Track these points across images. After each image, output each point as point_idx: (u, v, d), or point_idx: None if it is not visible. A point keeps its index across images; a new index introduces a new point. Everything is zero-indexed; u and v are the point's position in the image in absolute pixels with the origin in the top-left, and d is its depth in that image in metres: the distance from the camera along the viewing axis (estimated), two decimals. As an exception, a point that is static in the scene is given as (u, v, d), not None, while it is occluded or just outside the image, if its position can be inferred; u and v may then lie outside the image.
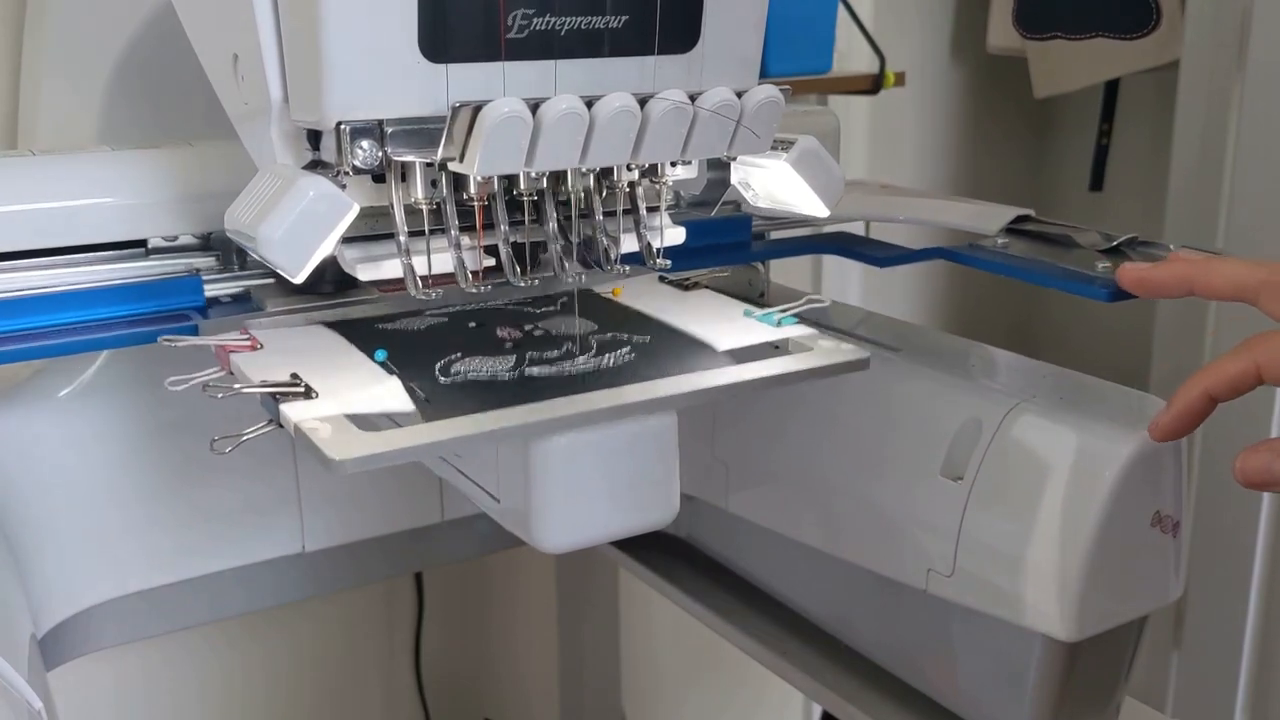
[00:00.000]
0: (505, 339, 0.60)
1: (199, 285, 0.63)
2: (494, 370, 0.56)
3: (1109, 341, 1.55)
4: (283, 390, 0.52)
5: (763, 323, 0.63)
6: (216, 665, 1.22)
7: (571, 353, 0.58)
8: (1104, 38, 1.48)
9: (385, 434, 0.48)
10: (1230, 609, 1.37)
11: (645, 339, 0.60)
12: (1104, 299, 0.62)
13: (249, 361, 0.56)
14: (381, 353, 0.57)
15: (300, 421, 0.49)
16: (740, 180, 0.68)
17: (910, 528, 0.67)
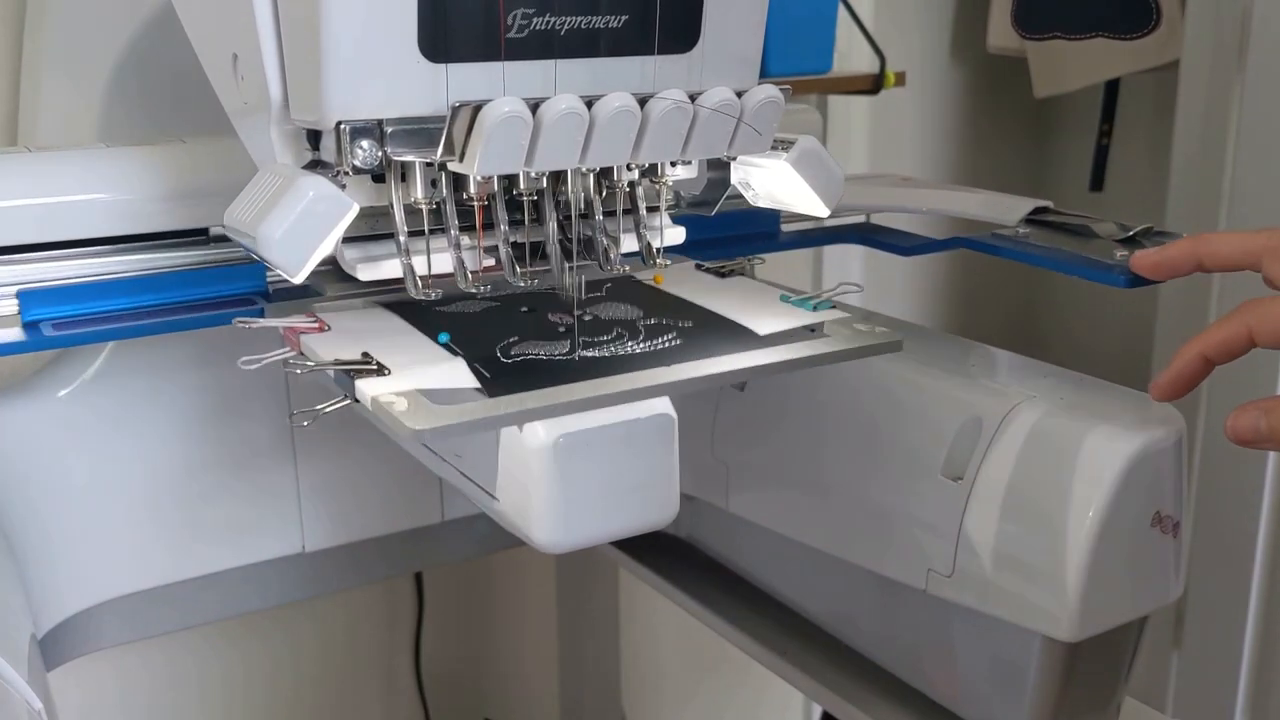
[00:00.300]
0: (558, 323, 0.62)
1: (262, 271, 0.65)
2: (550, 352, 0.58)
3: (1111, 336, 1.55)
4: (357, 367, 0.54)
5: (799, 307, 0.65)
6: (217, 665, 1.22)
7: (621, 336, 0.60)
8: (1104, 38, 1.48)
9: (459, 406, 0.51)
10: (1230, 609, 1.37)
11: (689, 324, 0.62)
12: (1122, 285, 0.64)
13: (319, 342, 0.58)
14: (445, 335, 0.59)
15: (378, 395, 0.51)
16: (740, 180, 0.68)
17: (910, 528, 0.67)
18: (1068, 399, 0.64)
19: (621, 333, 0.61)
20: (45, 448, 0.74)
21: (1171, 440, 0.61)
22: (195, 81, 0.58)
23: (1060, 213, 0.74)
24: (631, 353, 0.58)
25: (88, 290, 0.62)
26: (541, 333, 0.61)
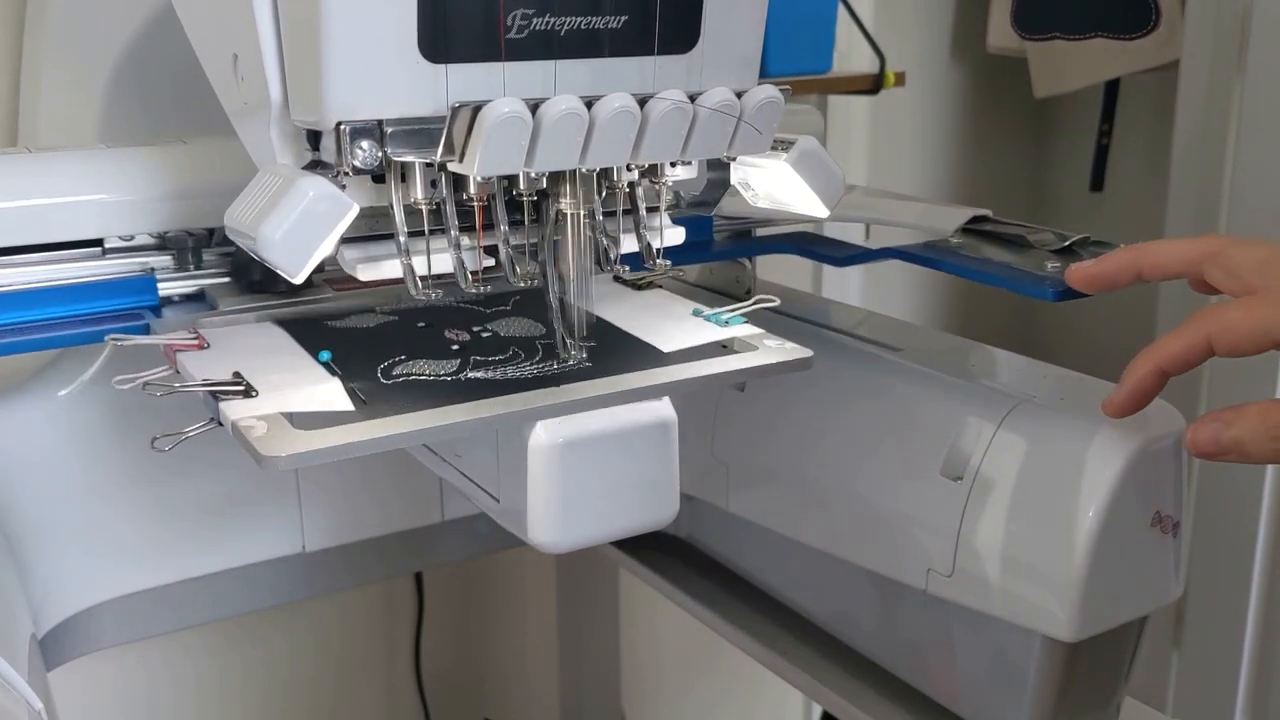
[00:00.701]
0: (453, 340, 0.61)
1: (153, 284, 0.64)
2: (436, 373, 0.57)
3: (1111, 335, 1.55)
4: (223, 389, 0.53)
5: (710, 322, 0.64)
6: (216, 665, 1.22)
7: (517, 356, 0.59)
8: (1103, 38, 1.48)
9: (318, 433, 0.49)
10: (1230, 609, 1.37)
11: (591, 342, 0.60)
12: (1050, 299, 0.62)
13: (194, 360, 0.57)
14: (325, 354, 0.58)
15: (238, 420, 0.50)
16: (740, 180, 0.68)
17: (910, 528, 0.67)
18: (1068, 399, 0.64)
19: (517, 352, 0.59)
20: (45, 447, 0.74)
21: (1171, 440, 0.61)
22: (195, 81, 0.58)
23: (999, 222, 0.73)
24: (522, 375, 0.57)
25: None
26: (433, 351, 0.59)
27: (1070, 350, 1.68)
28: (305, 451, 0.48)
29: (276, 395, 0.53)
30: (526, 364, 0.58)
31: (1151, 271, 0.57)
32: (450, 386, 0.55)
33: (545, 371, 0.57)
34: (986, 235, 0.72)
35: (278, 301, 0.65)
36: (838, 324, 0.78)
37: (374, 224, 0.59)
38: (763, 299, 0.65)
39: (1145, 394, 0.56)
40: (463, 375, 0.56)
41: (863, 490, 0.70)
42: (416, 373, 0.56)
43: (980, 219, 0.73)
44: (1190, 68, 1.34)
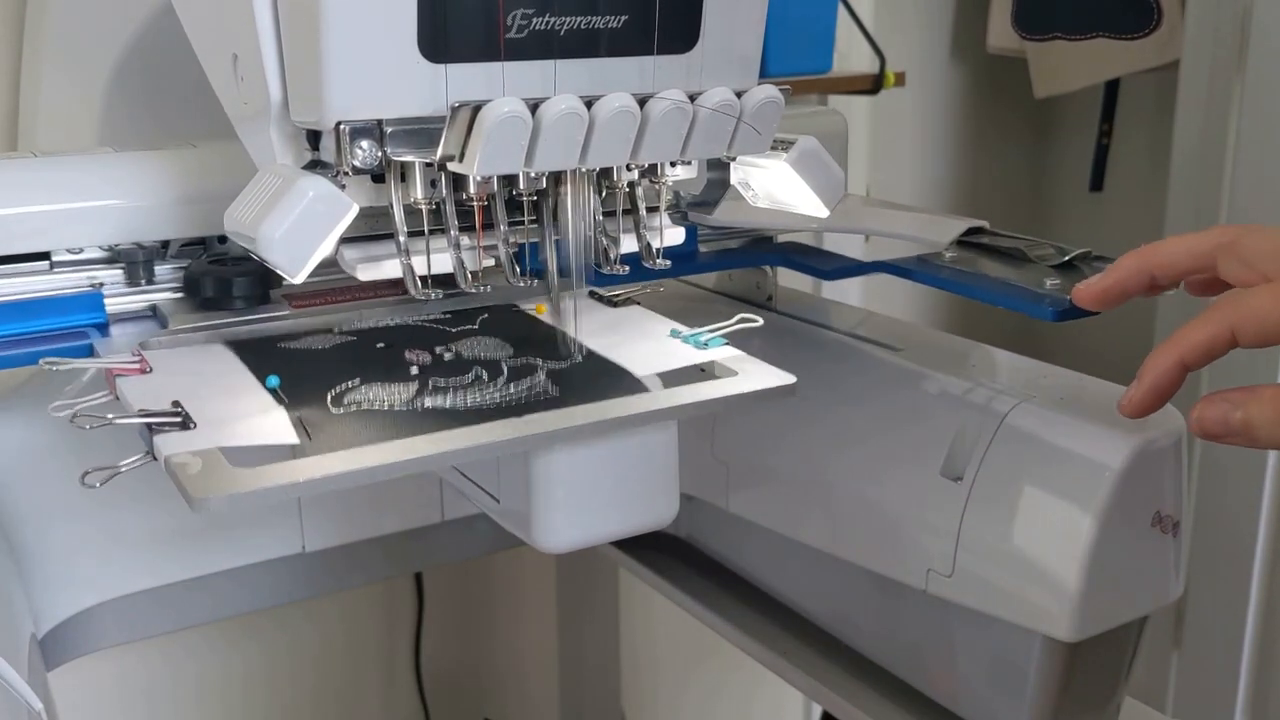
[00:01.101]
0: (413, 362, 0.57)
1: (99, 301, 0.61)
2: (390, 400, 0.53)
3: (1111, 336, 1.55)
4: (159, 420, 0.49)
5: (688, 344, 0.60)
6: (216, 665, 1.22)
7: (480, 379, 0.55)
8: (1104, 38, 1.48)
9: (254, 471, 0.46)
10: (1230, 609, 1.37)
11: (560, 364, 0.57)
12: (1050, 318, 0.60)
13: (134, 387, 0.53)
14: (274, 379, 0.54)
15: (171, 455, 0.47)
16: (740, 180, 0.68)
17: (910, 528, 0.67)
18: (1068, 399, 0.64)
19: (481, 374, 0.56)
20: (46, 447, 0.74)
21: (1171, 440, 0.61)
22: (195, 82, 0.58)
23: (996, 234, 0.70)
24: (484, 402, 0.53)
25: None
26: (389, 374, 0.55)
27: (1070, 351, 1.68)
28: (239, 493, 0.44)
29: (216, 428, 0.49)
30: (490, 388, 0.54)
31: (1162, 272, 0.54)
32: (404, 417, 0.51)
33: (508, 399, 0.53)
34: (983, 248, 0.70)
35: (231, 320, 0.61)
36: (838, 324, 0.78)
37: (374, 224, 0.59)
38: (745, 318, 0.61)
39: (1166, 390, 0.52)
40: (419, 403, 0.52)
41: (863, 490, 0.70)
42: (369, 400, 0.53)
43: (977, 230, 0.71)
44: (1190, 68, 1.34)
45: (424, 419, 0.51)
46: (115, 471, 0.48)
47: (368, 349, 0.59)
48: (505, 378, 0.55)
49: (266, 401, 0.52)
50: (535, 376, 0.55)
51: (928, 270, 0.68)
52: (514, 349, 0.59)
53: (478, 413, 0.51)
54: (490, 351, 0.59)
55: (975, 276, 0.66)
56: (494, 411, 0.52)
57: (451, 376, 0.55)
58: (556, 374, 0.56)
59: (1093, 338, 1.63)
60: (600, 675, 1.30)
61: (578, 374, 0.56)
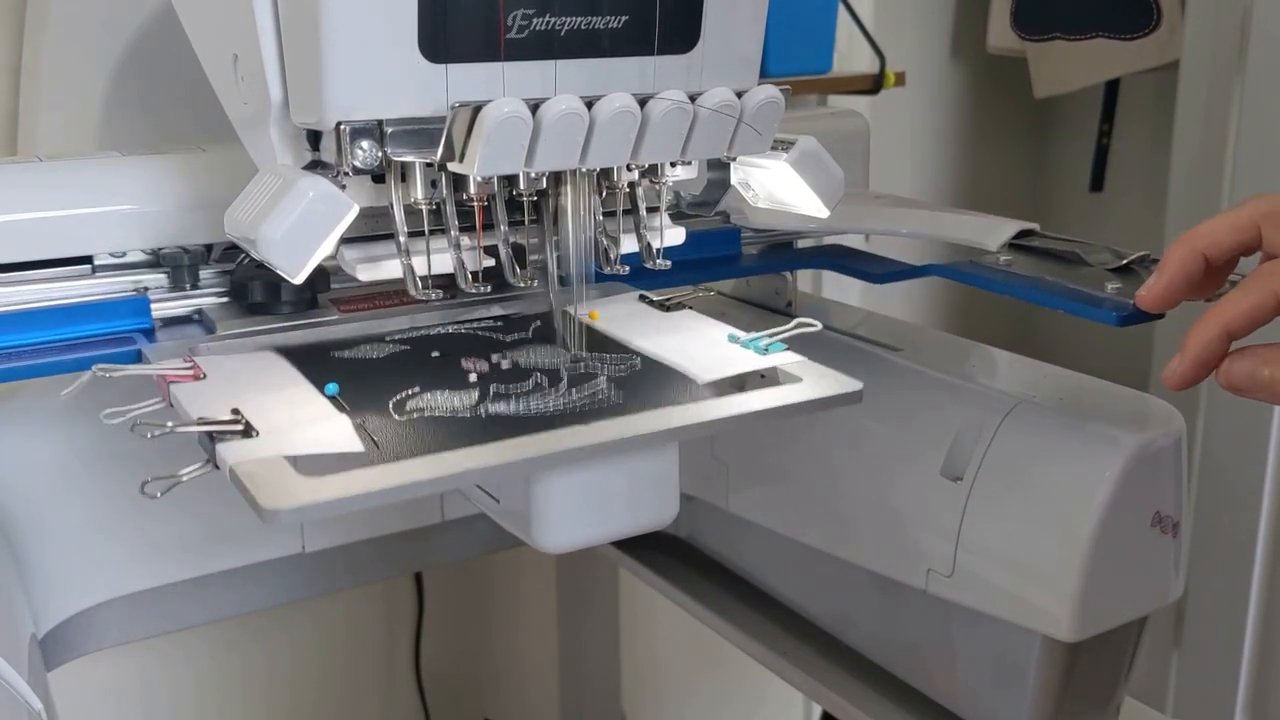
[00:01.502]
0: (470, 371, 0.56)
1: (146, 306, 0.60)
2: (453, 407, 0.52)
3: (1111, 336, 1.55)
4: (220, 428, 0.48)
5: (748, 349, 0.59)
6: (217, 665, 1.22)
7: (541, 386, 0.55)
8: (1104, 38, 1.48)
9: (324, 481, 0.44)
10: (1230, 609, 1.37)
11: (622, 370, 0.57)
12: (1114, 323, 0.58)
13: (189, 394, 0.52)
14: (333, 386, 0.53)
15: (236, 464, 0.45)
16: (740, 180, 0.68)
17: (910, 528, 0.67)
18: (1068, 399, 0.64)
19: (541, 381, 0.55)
20: (47, 449, 0.74)
21: (1171, 440, 0.61)
22: (195, 82, 0.58)
23: (1048, 236, 0.69)
24: (547, 409, 0.52)
25: None
26: (449, 382, 0.54)
27: (1070, 351, 1.68)
28: (310, 504, 0.43)
29: (279, 435, 0.48)
30: (551, 395, 0.53)
31: (1213, 251, 0.52)
32: (469, 423, 0.50)
33: (572, 405, 0.52)
34: (1036, 251, 0.68)
35: (280, 325, 0.61)
36: (838, 324, 0.78)
37: (374, 224, 0.59)
38: (804, 323, 0.60)
39: (1211, 361, 0.51)
40: (482, 409, 0.52)
41: (863, 490, 0.70)
42: (432, 407, 0.52)
43: (1028, 233, 0.69)
44: (1190, 68, 1.34)
45: (489, 425, 0.50)
46: (176, 480, 0.47)
47: (423, 357, 0.58)
48: (566, 384, 0.55)
49: (327, 409, 0.51)
50: (596, 382, 0.55)
51: (983, 274, 0.66)
52: (570, 356, 0.58)
53: (543, 419, 0.51)
54: (547, 359, 0.58)
55: (1033, 280, 0.64)
56: (559, 418, 0.51)
57: (512, 384, 0.54)
58: (618, 380, 0.55)
59: (1093, 338, 1.63)
60: (600, 675, 1.30)
61: (639, 380, 0.55)
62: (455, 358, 0.58)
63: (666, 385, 0.55)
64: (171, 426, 0.48)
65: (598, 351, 0.59)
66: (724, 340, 0.60)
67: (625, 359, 0.58)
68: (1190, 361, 0.51)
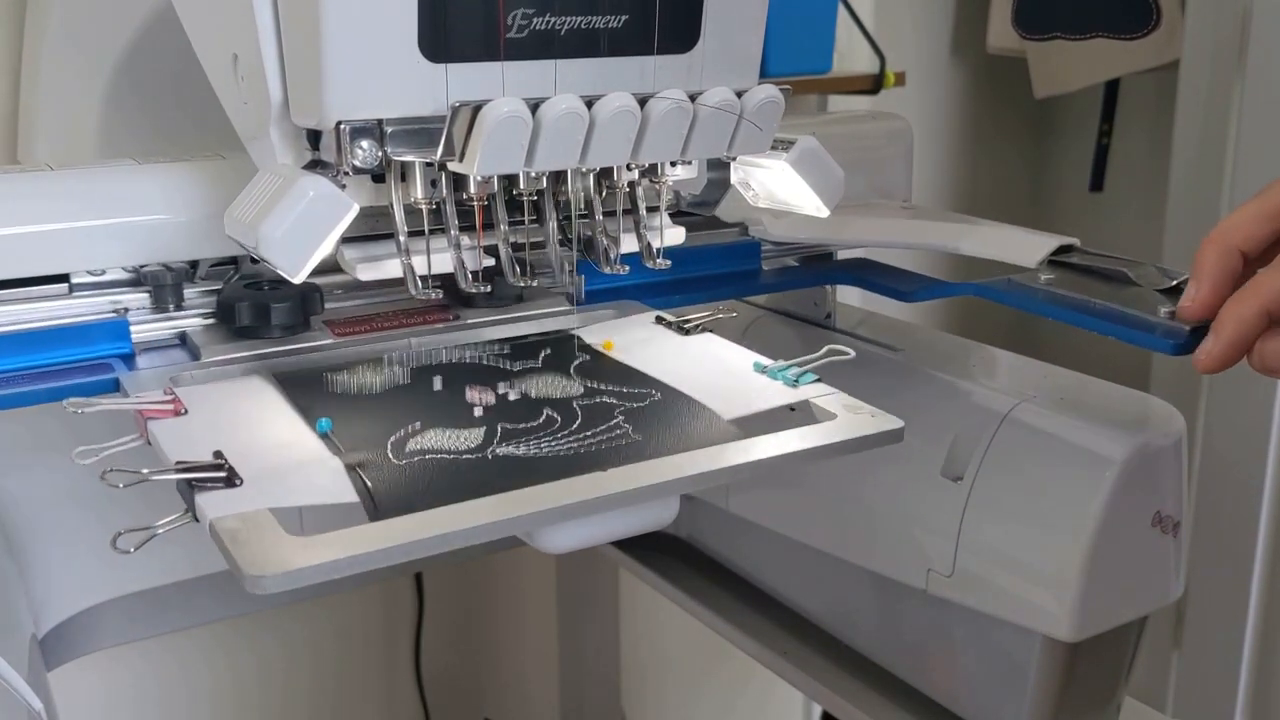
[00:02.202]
0: (475, 404, 0.52)
1: (125, 329, 0.57)
2: (458, 448, 0.48)
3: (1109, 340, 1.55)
4: (200, 476, 0.44)
5: (776, 379, 0.55)
6: (216, 665, 1.22)
7: (553, 422, 0.51)
8: (1104, 38, 1.48)
9: (313, 543, 0.40)
10: (1230, 609, 1.37)
11: (640, 404, 0.53)
12: (1169, 351, 0.54)
13: (169, 432, 0.48)
14: (325, 423, 0.49)
15: (216, 520, 0.42)
16: (740, 180, 0.68)
17: (910, 528, 0.67)
18: (1068, 399, 0.64)
19: (553, 417, 0.51)
20: (45, 448, 0.74)
21: (1171, 440, 0.61)
22: (196, 82, 0.58)
23: (1088, 253, 0.64)
24: (560, 450, 0.48)
25: None
26: (452, 417, 0.51)
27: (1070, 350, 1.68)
28: (297, 569, 0.39)
29: (265, 484, 0.44)
30: (564, 434, 0.49)
31: (1248, 245, 0.50)
32: (475, 467, 0.46)
33: (586, 446, 0.48)
34: (1076, 269, 0.64)
35: (269, 350, 0.57)
36: (838, 324, 0.78)
37: (374, 224, 0.59)
38: (834, 350, 0.56)
39: (1247, 342, 0.48)
40: (489, 452, 0.48)
41: (863, 490, 0.70)
42: (434, 448, 0.48)
43: (1067, 249, 0.65)
44: (1190, 68, 1.34)
45: (497, 471, 0.46)
46: (152, 534, 0.43)
47: (424, 387, 0.54)
48: (580, 421, 0.51)
49: (318, 449, 0.47)
50: (611, 419, 0.51)
51: (1023, 294, 0.62)
52: (583, 388, 0.54)
53: (554, 462, 0.47)
54: (558, 390, 0.54)
55: (1078, 302, 0.60)
56: (573, 461, 0.47)
57: (521, 421, 0.50)
58: (634, 415, 0.51)
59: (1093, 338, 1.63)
60: (600, 675, 1.30)
61: (657, 415, 0.52)
62: (459, 387, 0.54)
63: (688, 422, 0.51)
64: (147, 473, 0.44)
65: (613, 382, 0.55)
66: (749, 369, 0.56)
67: (643, 392, 0.54)
68: (1226, 342, 0.49)
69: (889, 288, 0.70)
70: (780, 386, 0.54)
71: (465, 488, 0.44)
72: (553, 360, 0.58)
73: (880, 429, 0.51)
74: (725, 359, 0.58)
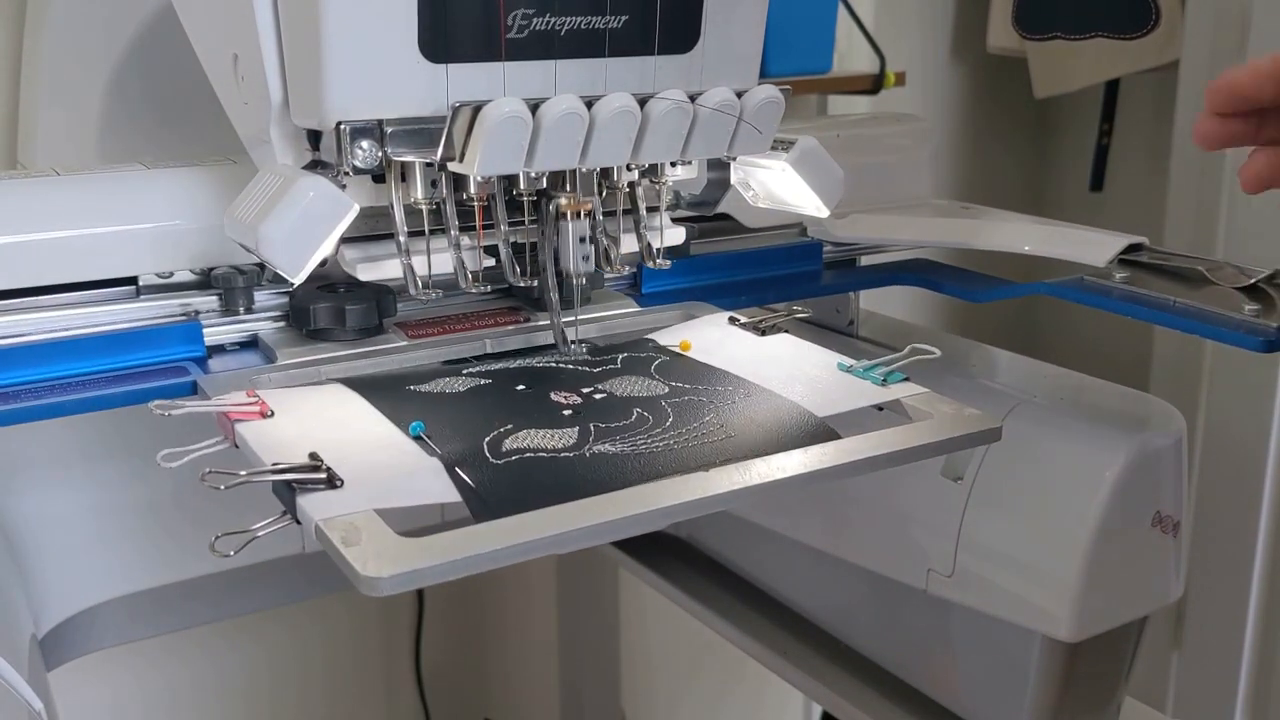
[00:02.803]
0: (563, 404, 0.51)
1: (198, 331, 0.56)
2: (554, 446, 0.47)
3: (1111, 335, 1.55)
4: (301, 477, 0.42)
5: (863, 379, 0.54)
6: (216, 666, 1.22)
7: (644, 420, 0.50)
8: (1104, 38, 1.48)
9: (429, 543, 0.40)
10: (1230, 609, 1.37)
11: (729, 403, 0.52)
12: (1259, 349, 0.54)
13: (258, 434, 0.47)
14: (418, 425, 0.48)
15: (324, 521, 0.41)
16: (740, 180, 0.68)
17: (910, 528, 0.67)
18: (1068, 399, 0.64)
19: (644, 416, 0.50)
20: (47, 448, 0.74)
21: (1171, 440, 0.61)
22: (196, 83, 0.58)
23: (1157, 251, 0.63)
24: (656, 447, 0.47)
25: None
26: (543, 417, 0.50)
27: (1070, 350, 1.68)
28: (416, 570, 0.38)
29: (366, 485, 0.43)
30: (658, 432, 0.48)
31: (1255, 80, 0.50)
32: (576, 465, 0.45)
33: (681, 442, 0.47)
34: (1149, 268, 0.63)
35: (346, 353, 0.56)
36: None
37: (374, 224, 0.59)
38: (918, 349, 0.54)
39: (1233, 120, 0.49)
40: (586, 450, 0.47)
41: (863, 490, 0.70)
42: (532, 448, 0.47)
43: (1136, 247, 0.64)
44: (1190, 68, 1.34)
45: (597, 468, 0.45)
46: (251, 537, 0.42)
47: (508, 390, 0.53)
48: (672, 420, 0.50)
49: (414, 451, 0.46)
50: (704, 417, 0.50)
51: (1099, 293, 0.62)
52: (668, 387, 0.53)
53: (653, 459, 0.46)
54: (643, 389, 0.53)
55: (1158, 301, 0.59)
56: (672, 458, 0.46)
57: (612, 420, 0.50)
58: (725, 413, 0.51)
59: (1093, 338, 1.63)
60: (600, 675, 1.30)
61: (748, 412, 0.51)
62: (544, 390, 0.53)
63: (783, 420, 0.50)
64: (245, 475, 0.43)
65: (698, 382, 0.54)
66: (834, 368, 0.55)
67: (730, 390, 0.53)
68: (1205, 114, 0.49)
69: (955, 289, 0.69)
70: (869, 385, 0.53)
71: (569, 486, 0.44)
72: (631, 362, 0.57)
73: (979, 428, 0.50)
74: (807, 358, 0.57)
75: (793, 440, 0.48)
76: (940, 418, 0.50)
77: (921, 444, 0.48)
